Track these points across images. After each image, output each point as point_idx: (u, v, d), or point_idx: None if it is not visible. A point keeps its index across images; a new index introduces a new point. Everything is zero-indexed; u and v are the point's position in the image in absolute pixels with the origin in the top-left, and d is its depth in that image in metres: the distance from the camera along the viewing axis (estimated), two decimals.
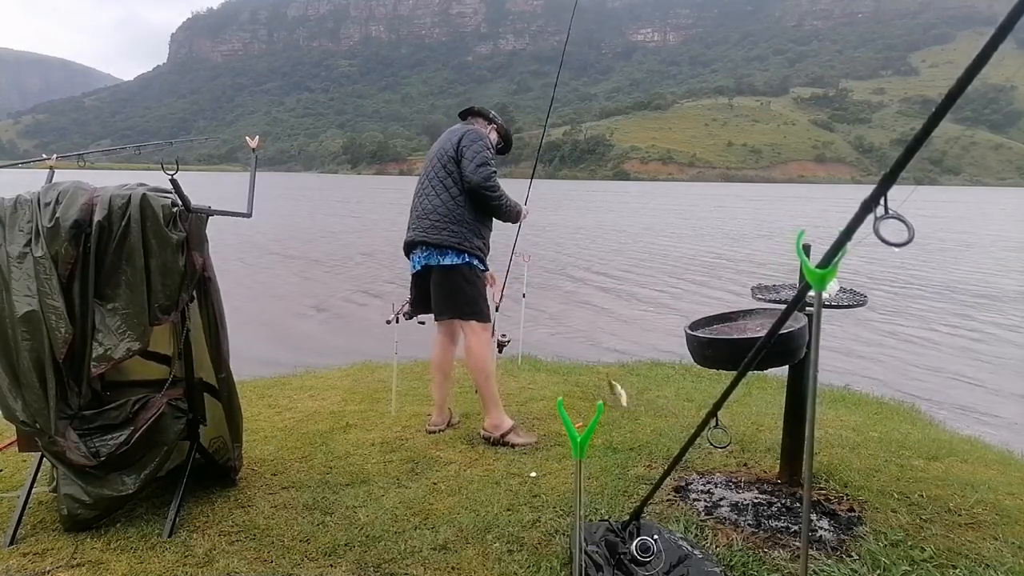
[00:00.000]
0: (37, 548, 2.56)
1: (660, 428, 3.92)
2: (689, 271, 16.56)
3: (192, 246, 2.73)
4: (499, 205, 3.60)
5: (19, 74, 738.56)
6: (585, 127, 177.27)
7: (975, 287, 14.60)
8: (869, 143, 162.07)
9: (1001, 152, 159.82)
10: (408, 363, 5.83)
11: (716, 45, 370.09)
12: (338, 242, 22.36)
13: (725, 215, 39.12)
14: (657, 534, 2.33)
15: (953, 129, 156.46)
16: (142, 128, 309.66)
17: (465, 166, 3.52)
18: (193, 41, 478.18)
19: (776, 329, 1.73)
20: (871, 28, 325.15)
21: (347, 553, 2.56)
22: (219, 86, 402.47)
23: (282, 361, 7.41)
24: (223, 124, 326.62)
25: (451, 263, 3.56)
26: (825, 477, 3.13)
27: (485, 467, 3.40)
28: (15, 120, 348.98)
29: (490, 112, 3.89)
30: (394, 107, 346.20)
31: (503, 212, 3.66)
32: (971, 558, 2.45)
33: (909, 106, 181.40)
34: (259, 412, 4.44)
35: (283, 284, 14.37)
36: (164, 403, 2.75)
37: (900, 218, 1.23)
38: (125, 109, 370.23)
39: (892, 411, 5.11)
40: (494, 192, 3.54)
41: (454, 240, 3.53)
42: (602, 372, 5.75)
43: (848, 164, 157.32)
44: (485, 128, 3.77)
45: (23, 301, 2.48)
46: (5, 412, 2.59)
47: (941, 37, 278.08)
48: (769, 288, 3.32)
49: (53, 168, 3.16)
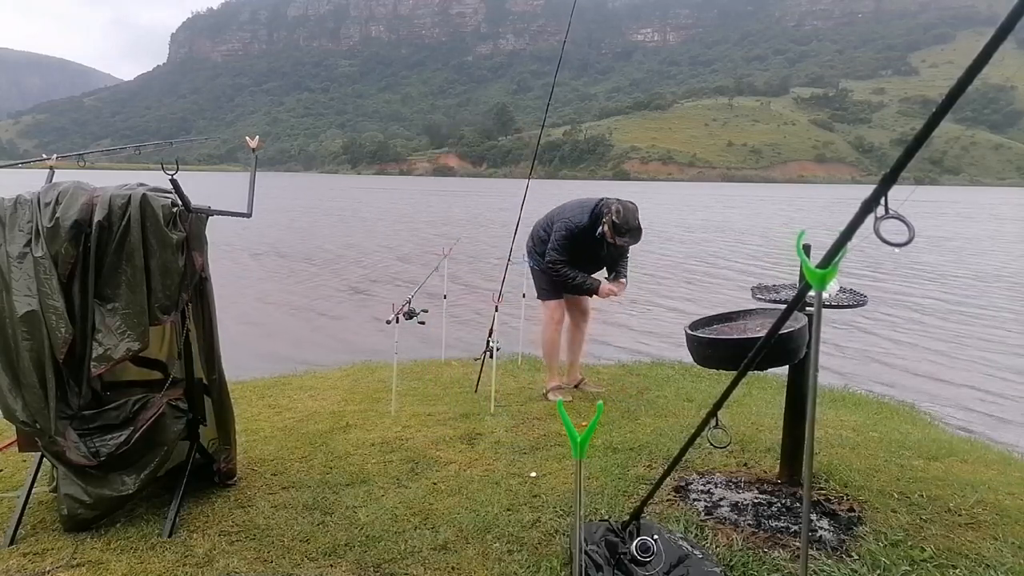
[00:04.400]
0: (37, 548, 2.56)
1: (660, 428, 3.92)
2: (689, 271, 16.56)
3: (192, 246, 2.73)
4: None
5: (19, 74, 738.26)
6: (585, 127, 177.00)
7: (976, 288, 14.60)
8: (869, 143, 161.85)
9: (1001, 152, 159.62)
10: (408, 363, 5.83)
11: (716, 45, 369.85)
12: (338, 242, 22.36)
13: (725, 214, 39.13)
14: (657, 534, 2.33)
15: (953, 129, 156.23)
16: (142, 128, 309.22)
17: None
18: (193, 41, 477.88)
19: (776, 329, 1.73)
20: (871, 28, 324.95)
21: (347, 553, 2.56)
22: (219, 86, 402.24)
23: (282, 361, 7.41)
24: (223, 124, 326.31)
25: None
26: (825, 477, 3.13)
27: (485, 467, 3.40)
28: (15, 120, 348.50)
29: (609, 209, 4.24)
30: (394, 107, 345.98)
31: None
32: (971, 558, 2.45)
33: (909, 106, 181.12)
34: (259, 412, 4.44)
35: (283, 284, 14.37)
36: (164, 403, 2.75)
37: (900, 218, 1.23)
38: (125, 109, 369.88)
39: (892, 411, 5.11)
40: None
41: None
42: (603, 372, 5.75)
43: (848, 164, 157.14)
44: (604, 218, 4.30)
45: (23, 301, 2.48)
46: (5, 412, 2.59)
47: (941, 37, 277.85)
48: (769, 288, 3.32)
49: (53, 168, 3.16)
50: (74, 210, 2.53)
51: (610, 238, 4.19)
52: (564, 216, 4.40)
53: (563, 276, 4.37)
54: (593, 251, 4.39)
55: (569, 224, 4.34)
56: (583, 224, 4.30)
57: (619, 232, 4.15)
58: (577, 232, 4.31)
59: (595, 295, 4.47)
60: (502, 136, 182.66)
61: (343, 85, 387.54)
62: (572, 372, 4.92)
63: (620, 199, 4.26)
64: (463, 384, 5.14)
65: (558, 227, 4.39)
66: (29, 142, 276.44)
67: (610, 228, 4.16)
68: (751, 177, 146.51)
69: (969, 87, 1.10)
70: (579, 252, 4.38)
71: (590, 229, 4.27)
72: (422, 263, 16.53)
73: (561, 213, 4.46)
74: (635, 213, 4.19)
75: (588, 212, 4.31)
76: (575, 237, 4.32)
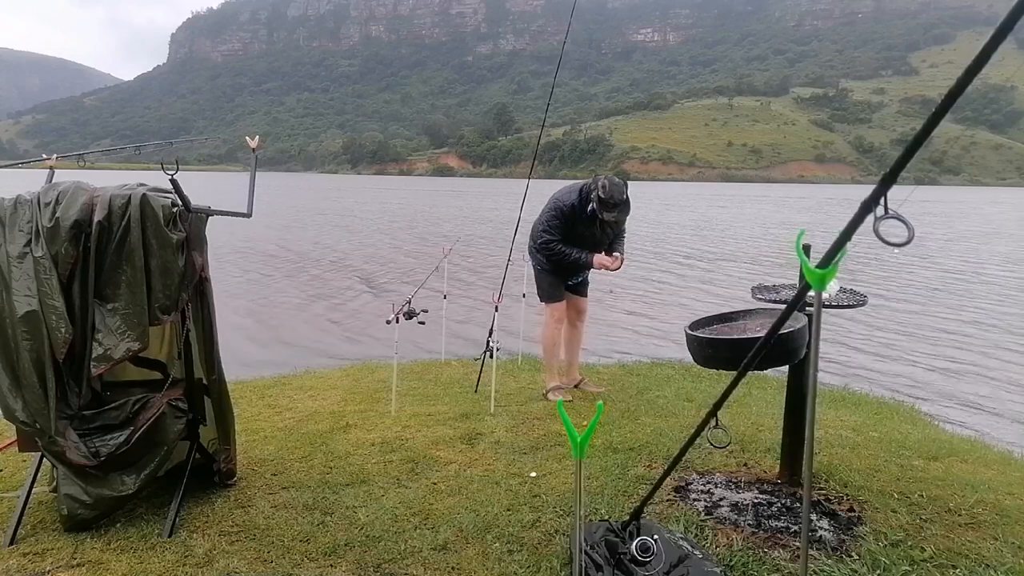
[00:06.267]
0: (37, 548, 2.56)
1: (660, 428, 3.92)
2: (689, 271, 16.56)
3: (192, 246, 2.72)
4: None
5: (19, 74, 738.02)
6: (585, 127, 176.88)
7: (974, 286, 14.60)
8: (869, 143, 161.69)
9: (1001, 152, 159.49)
10: (408, 363, 5.84)
11: (716, 45, 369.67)
12: (338, 242, 22.36)
13: (728, 214, 39.14)
14: (657, 534, 2.33)
15: (953, 129, 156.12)
16: (142, 128, 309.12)
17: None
18: (193, 41, 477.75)
19: (776, 329, 1.73)
20: (871, 28, 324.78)
21: (347, 553, 2.56)
22: (219, 86, 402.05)
23: (282, 361, 7.41)
24: (223, 124, 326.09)
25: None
26: (825, 477, 3.13)
27: (485, 467, 3.40)
28: (15, 120, 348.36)
29: (596, 186, 4.29)
30: (394, 107, 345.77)
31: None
32: (971, 558, 2.45)
33: (909, 106, 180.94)
34: (259, 412, 4.44)
35: (283, 283, 14.36)
36: (164, 403, 2.75)
37: (900, 218, 1.23)
38: (125, 109, 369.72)
39: (892, 411, 5.11)
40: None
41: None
42: (602, 372, 5.75)
43: (848, 164, 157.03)
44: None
45: (23, 301, 2.48)
46: (5, 412, 2.59)
47: (941, 37, 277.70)
48: (769, 288, 3.32)
49: (53, 168, 3.16)
50: (74, 210, 2.53)
51: (599, 214, 4.24)
52: (554, 197, 4.49)
53: (558, 254, 4.42)
54: (588, 230, 4.42)
55: (559, 203, 4.41)
56: (572, 202, 4.36)
57: (606, 207, 4.20)
58: (567, 210, 4.37)
59: (591, 268, 4.52)
60: (502, 136, 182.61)
61: (343, 85, 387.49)
62: (571, 371, 4.95)
63: (609, 176, 4.30)
64: (463, 384, 5.14)
65: (548, 207, 4.48)
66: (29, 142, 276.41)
67: (597, 204, 4.21)
68: (751, 177, 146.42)
69: (969, 87, 1.10)
70: (573, 232, 4.42)
71: (580, 208, 4.31)
72: (422, 263, 16.53)
73: (552, 196, 4.54)
74: (621, 188, 4.22)
75: (577, 191, 4.38)
76: (565, 216, 4.38)
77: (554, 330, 4.64)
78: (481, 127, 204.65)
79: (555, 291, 4.59)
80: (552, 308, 4.62)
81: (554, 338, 4.67)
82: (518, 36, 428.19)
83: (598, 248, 4.50)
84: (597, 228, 4.41)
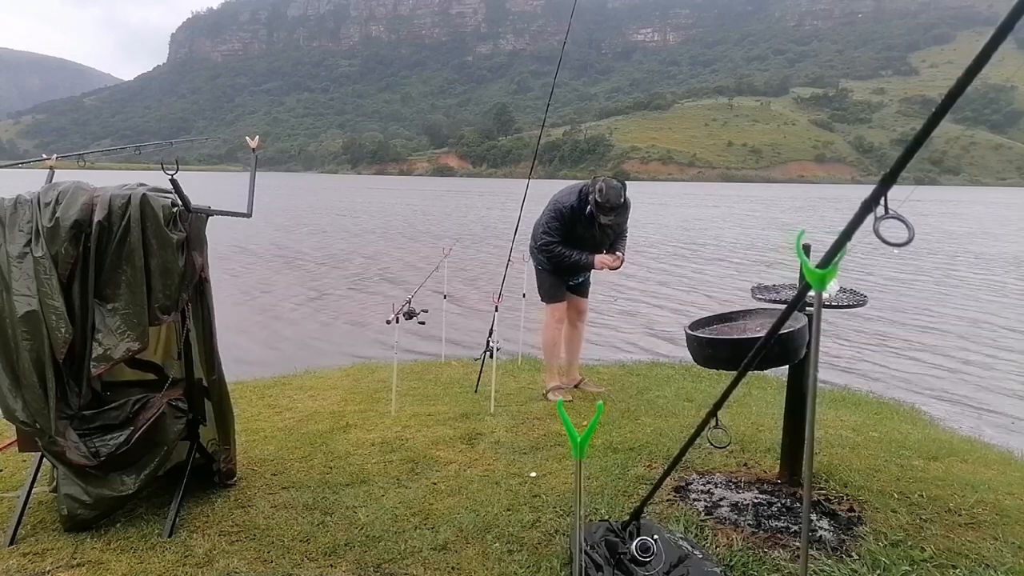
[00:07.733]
0: (37, 548, 2.56)
1: (660, 428, 3.92)
2: (690, 270, 16.56)
3: (192, 246, 2.72)
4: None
5: (19, 74, 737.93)
6: (585, 127, 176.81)
7: (976, 287, 14.60)
8: (869, 143, 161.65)
9: (1001, 152, 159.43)
10: (408, 363, 5.83)
11: (716, 45, 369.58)
12: (338, 242, 22.35)
13: (726, 214, 39.14)
14: (657, 534, 2.33)
15: (953, 129, 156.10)
16: (142, 128, 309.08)
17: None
18: (193, 41, 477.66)
19: (776, 329, 1.73)
20: (871, 28, 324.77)
21: (347, 553, 2.56)
22: (219, 86, 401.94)
23: (282, 361, 7.41)
24: (223, 124, 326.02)
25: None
26: (825, 477, 3.13)
27: (485, 467, 3.40)
28: (15, 120, 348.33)
29: (594, 189, 4.29)
30: (394, 107, 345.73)
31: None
32: (971, 558, 2.45)
33: (909, 106, 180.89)
34: (259, 412, 4.44)
35: (283, 283, 14.36)
36: (164, 403, 2.75)
37: (900, 218, 1.23)
38: (125, 109, 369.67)
39: (892, 411, 5.11)
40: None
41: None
42: (602, 372, 5.75)
43: (848, 164, 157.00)
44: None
45: (23, 301, 2.48)
46: (5, 412, 2.59)
47: (941, 37, 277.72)
48: (769, 288, 3.32)
49: (53, 168, 3.16)
50: (74, 210, 2.53)
51: (596, 218, 4.26)
52: (554, 199, 4.50)
53: (558, 256, 4.44)
54: (588, 232, 4.43)
55: (558, 205, 4.43)
56: (572, 204, 4.37)
57: (603, 211, 4.22)
58: (566, 212, 4.39)
59: (592, 269, 4.54)
60: (502, 136, 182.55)
61: (343, 85, 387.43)
62: (571, 371, 4.95)
63: (607, 178, 4.30)
64: (463, 384, 5.14)
65: (548, 209, 4.50)
66: (29, 142, 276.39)
67: (594, 207, 4.24)
68: (751, 177, 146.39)
69: (969, 87, 1.10)
70: (573, 233, 4.43)
71: (580, 209, 4.34)
72: (422, 263, 16.53)
73: (553, 197, 4.55)
74: (619, 191, 4.22)
75: (576, 193, 4.40)
76: (565, 218, 4.40)
77: (554, 330, 4.65)
78: (481, 127, 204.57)
79: (556, 291, 4.62)
80: (553, 308, 4.64)
81: (554, 338, 4.68)
82: (518, 36, 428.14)
83: (599, 249, 4.50)
84: (597, 229, 4.41)
